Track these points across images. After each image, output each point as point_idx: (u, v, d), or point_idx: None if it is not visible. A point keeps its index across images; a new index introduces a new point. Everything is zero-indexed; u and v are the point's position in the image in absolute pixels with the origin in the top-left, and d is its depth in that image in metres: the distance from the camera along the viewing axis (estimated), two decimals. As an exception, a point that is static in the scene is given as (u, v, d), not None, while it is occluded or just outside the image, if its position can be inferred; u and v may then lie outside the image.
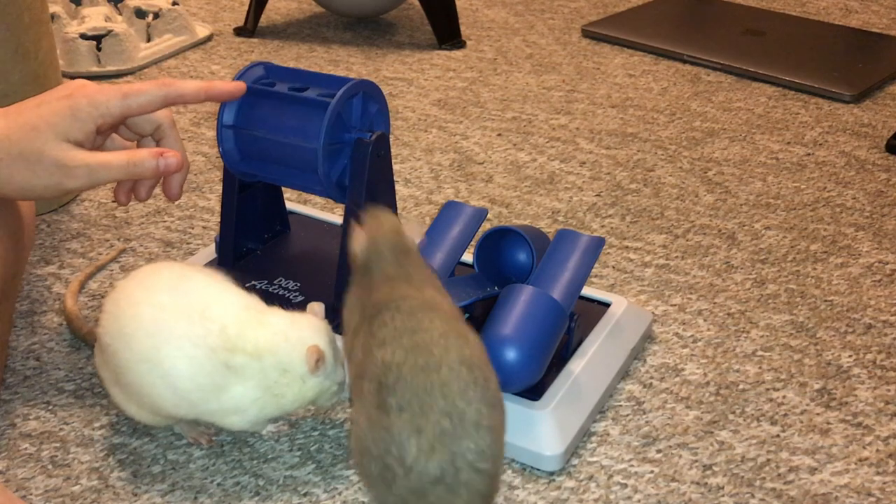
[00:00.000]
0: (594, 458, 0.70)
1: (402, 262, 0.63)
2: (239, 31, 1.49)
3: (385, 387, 0.55)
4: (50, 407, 0.74)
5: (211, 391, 0.65)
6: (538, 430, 0.69)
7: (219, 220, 0.96)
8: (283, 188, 0.88)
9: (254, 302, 0.68)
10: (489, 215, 1.00)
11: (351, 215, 0.76)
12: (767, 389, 0.77)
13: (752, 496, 0.67)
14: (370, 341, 0.58)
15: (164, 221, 0.98)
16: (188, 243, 0.95)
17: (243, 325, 0.65)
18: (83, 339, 0.80)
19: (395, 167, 1.07)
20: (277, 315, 0.67)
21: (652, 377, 0.78)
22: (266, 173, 0.80)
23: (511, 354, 0.68)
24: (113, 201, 0.91)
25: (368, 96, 0.77)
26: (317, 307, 0.69)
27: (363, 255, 0.64)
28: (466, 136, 1.17)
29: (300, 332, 0.66)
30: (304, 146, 0.74)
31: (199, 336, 0.64)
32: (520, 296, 0.71)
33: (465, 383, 0.54)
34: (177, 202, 0.96)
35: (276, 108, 0.77)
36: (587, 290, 0.82)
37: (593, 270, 0.90)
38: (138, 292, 0.66)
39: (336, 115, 0.74)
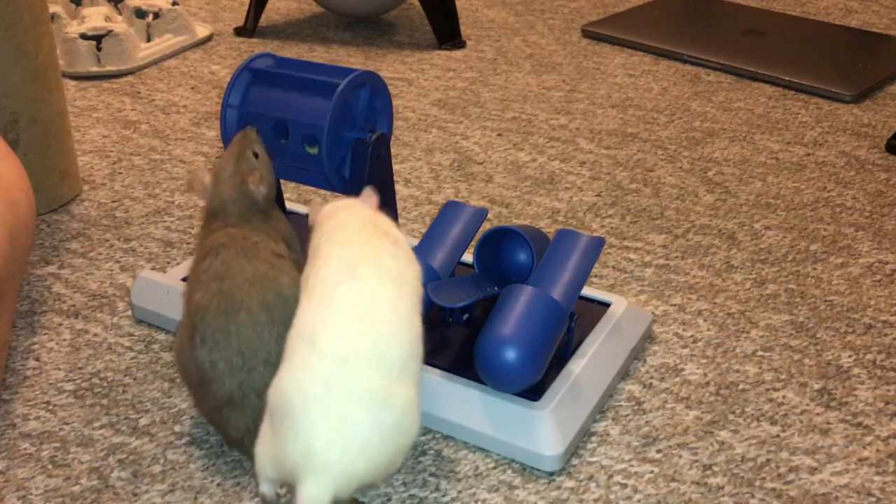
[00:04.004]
0: (594, 458, 0.70)
1: (243, 213, 0.71)
2: (239, 31, 1.49)
3: (194, 325, 0.65)
4: (50, 407, 0.74)
5: None
6: (538, 430, 0.69)
7: (219, 220, 0.96)
8: (283, 190, 0.88)
9: None
10: (489, 215, 1.00)
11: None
12: (767, 389, 0.77)
13: (752, 496, 0.67)
14: (191, 284, 0.68)
15: (164, 221, 0.98)
16: (188, 243, 0.95)
17: None
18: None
19: (395, 167, 1.07)
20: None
21: (652, 377, 0.78)
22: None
23: (511, 354, 0.68)
24: (113, 202, 0.91)
25: (375, 90, 0.78)
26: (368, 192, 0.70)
27: (209, 203, 0.73)
28: (466, 136, 1.17)
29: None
30: (311, 123, 0.75)
31: None
32: (520, 296, 0.71)
33: (261, 326, 0.64)
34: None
35: (283, 91, 0.77)
36: (587, 290, 0.82)
37: (593, 270, 0.90)
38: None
39: (343, 101, 0.74)
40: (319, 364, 0.57)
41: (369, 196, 0.69)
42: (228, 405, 0.64)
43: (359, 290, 0.60)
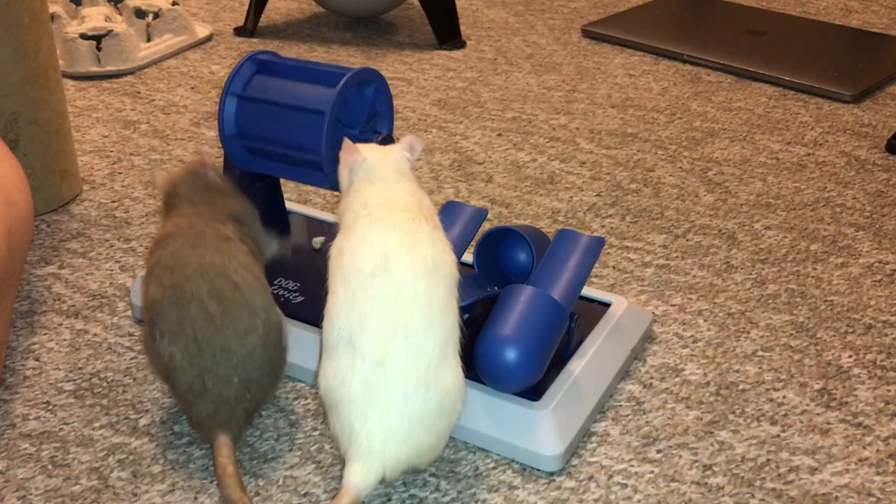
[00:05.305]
0: (594, 458, 0.70)
1: (194, 199, 0.74)
2: (239, 31, 1.49)
3: (152, 320, 0.68)
4: (50, 407, 0.74)
5: None
6: (538, 430, 0.69)
7: (219, 220, 0.96)
8: (282, 191, 0.88)
9: None
10: (489, 215, 1.00)
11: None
12: (767, 389, 0.77)
13: (752, 496, 0.67)
14: (146, 278, 0.70)
15: (164, 221, 0.98)
16: (188, 243, 0.95)
17: None
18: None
19: (395, 167, 1.07)
20: None
21: (652, 377, 0.78)
22: (268, 148, 0.80)
23: (511, 354, 0.68)
24: (113, 202, 0.91)
25: (378, 91, 0.78)
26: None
27: (164, 194, 0.75)
28: (466, 136, 1.17)
29: None
30: (311, 108, 0.75)
31: None
32: (520, 296, 0.71)
33: (213, 314, 0.66)
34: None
35: (286, 81, 0.78)
36: (587, 290, 0.82)
37: (593, 270, 0.90)
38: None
39: (346, 91, 0.75)
40: (361, 365, 0.62)
41: (411, 144, 0.72)
42: (190, 392, 0.67)
43: (393, 286, 0.63)
